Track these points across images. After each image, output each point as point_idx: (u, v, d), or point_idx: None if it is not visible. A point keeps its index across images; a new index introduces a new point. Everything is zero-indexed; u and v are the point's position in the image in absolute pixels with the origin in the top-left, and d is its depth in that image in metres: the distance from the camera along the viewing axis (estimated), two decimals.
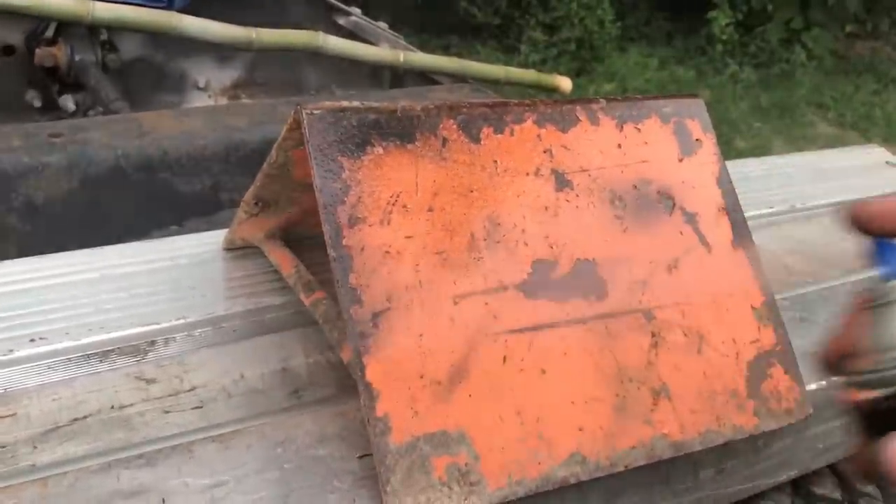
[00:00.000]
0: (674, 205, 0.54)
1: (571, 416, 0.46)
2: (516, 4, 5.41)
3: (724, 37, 5.63)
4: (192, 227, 1.00)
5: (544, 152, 0.52)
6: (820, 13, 6.07)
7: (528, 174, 0.51)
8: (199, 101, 2.07)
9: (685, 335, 0.51)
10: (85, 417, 0.52)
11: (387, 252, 0.46)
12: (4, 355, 0.54)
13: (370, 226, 0.46)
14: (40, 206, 1.07)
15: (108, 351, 0.57)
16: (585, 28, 5.16)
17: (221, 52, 2.02)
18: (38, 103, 1.91)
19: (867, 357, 0.33)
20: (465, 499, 0.42)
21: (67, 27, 1.79)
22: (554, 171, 0.52)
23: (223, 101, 2.09)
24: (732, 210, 0.57)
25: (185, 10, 1.89)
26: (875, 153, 1.13)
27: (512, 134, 0.51)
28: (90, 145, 1.09)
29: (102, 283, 0.61)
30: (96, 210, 1.09)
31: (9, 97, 1.87)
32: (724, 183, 0.57)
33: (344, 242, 0.45)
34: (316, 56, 1.82)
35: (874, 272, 0.33)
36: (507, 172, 0.51)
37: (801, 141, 5.06)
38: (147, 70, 2.00)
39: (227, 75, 2.13)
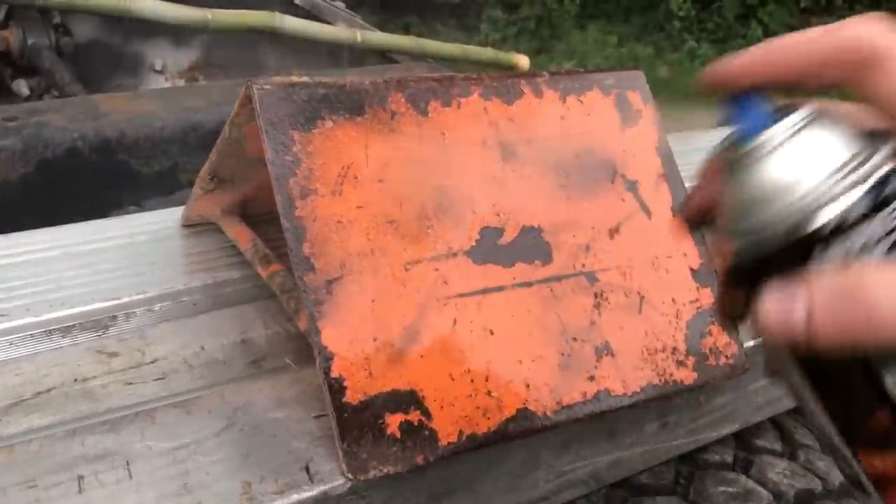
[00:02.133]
0: (615, 173, 0.57)
1: (518, 374, 0.49)
2: None
3: (682, 13, 5.69)
4: (150, 206, 1.01)
5: (490, 124, 0.54)
6: None
7: (475, 145, 0.53)
8: (156, 83, 2.05)
9: (626, 296, 0.54)
10: (48, 391, 0.53)
11: (339, 222, 0.48)
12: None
13: (322, 197, 0.47)
14: None
15: (69, 326, 0.58)
16: (545, 6, 5.18)
17: (178, 33, 2.01)
18: None
19: (728, 215, 0.33)
20: (419, 453, 0.45)
21: (19, 10, 1.77)
22: (500, 143, 0.54)
23: (180, 83, 2.08)
24: (671, 177, 0.59)
25: None
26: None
27: (459, 107, 0.53)
28: (46, 128, 1.09)
29: (63, 261, 0.62)
30: (53, 192, 1.09)
31: None
32: (664, 151, 0.60)
33: (296, 214, 0.46)
34: (274, 37, 1.82)
35: (733, 130, 0.33)
36: (454, 144, 0.52)
37: None
38: (102, 53, 1.99)
39: (184, 57, 2.11)
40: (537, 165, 0.54)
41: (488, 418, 0.47)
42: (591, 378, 0.51)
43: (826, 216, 0.30)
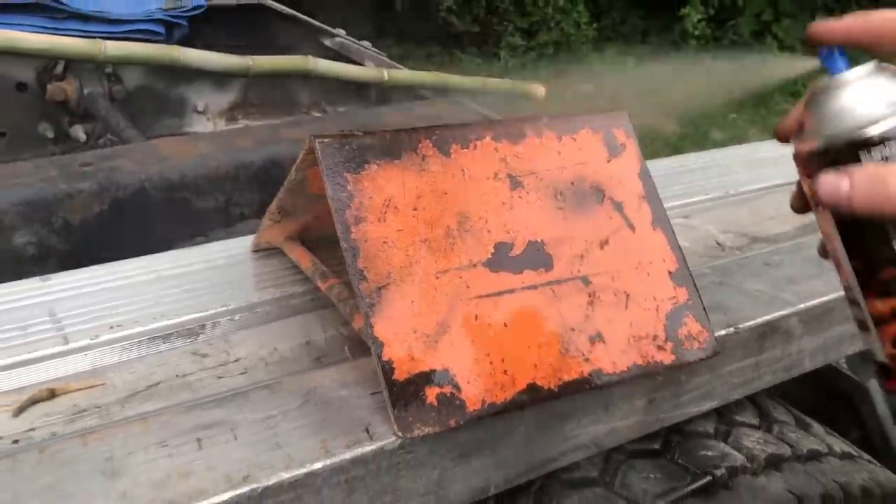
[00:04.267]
0: (604, 196, 0.70)
1: (528, 357, 0.62)
2: (494, 11, 5.58)
3: (697, 32, 5.81)
4: (214, 237, 1.15)
5: (500, 161, 0.68)
6: (789, 4, 6.26)
7: (488, 178, 0.67)
8: (199, 123, 2.22)
9: (615, 295, 0.67)
10: (157, 384, 0.67)
11: (384, 242, 0.61)
12: (92, 339, 0.69)
13: (370, 223, 0.61)
14: (76, 226, 1.22)
15: (168, 334, 0.72)
16: (562, 31, 5.34)
17: (218, 77, 2.17)
18: (50, 134, 2.05)
19: (810, 124, 0.49)
20: (451, 417, 0.58)
21: (76, 63, 1.94)
22: (508, 175, 0.68)
23: (221, 122, 2.24)
24: (651, 198, 0.72)
25: (183, 40, 2.05)
26: None
27: (475, 148, 0.67)
28: (117, 171, 1.25)
29: (158, 283, 0.77)
30: (124, 228, 1.24)
31: (23, 129, 2.02)
32: (645, 177, 0.73)
33: (352, 237, 0.60)
34: (306, 76, 1.97)
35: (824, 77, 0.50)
36: (472, 178, 0.66)
37: None
38: (149, 97, 2.15)
39: (223, 98, 2.27)
40: (539, 192, 0.68)
41: (505, 391, 0.60)
42: (587, 360, 0.64)
43: (872, 132, 0.47)
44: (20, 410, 0.63)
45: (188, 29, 2.04)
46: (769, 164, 1.19)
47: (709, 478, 0.72)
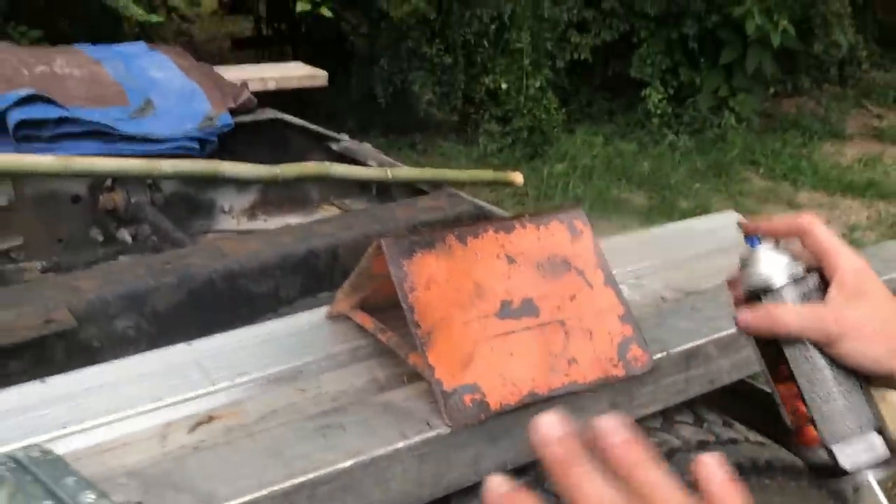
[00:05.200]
0: (570, 265, 1.04)
1: (527, 374, 0.95)
2: (471, 102, 6.03)
3: (659, 111, 6.27)
4: (282, 313, 1.47)
5: (500, 245, 1.02)
6: (743, 80, 6.73)
7: (492, 257, 1.01)
8: (225, 222, 2.56)
9: (582, 332, 1.01)
10: (276, 410, 0.99)
11: (429, 303, 0.95)
12: (229, 382, 1.01)
13: (419, 291, 0.95)
14: (161, 313, 1.54)
15: (278, 378, 1.04)
16: (535, 117, 5.77)
17: (242, 180, 2.52)
18: (100, 238, 2.38)
19: (738, 278, 0.81)
20: (480, 413, 0.90)
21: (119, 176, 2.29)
22: (506, 255, 1.02)
23: (244, 220, 2.59)
24: (603, 265, 1.07)
25: (213, 152, 2.41)
26: (731, 216, 1.65)
27: (482, 238, 1.01)
28: (191, 267, 1.58)
29: (266, 343, 1.09)
30: (198, 312, 1.56)
31: (76, 235, 2.35)
32: (598, 251, 1.07)
33: (409, 300, 0.94)
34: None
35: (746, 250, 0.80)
36: (481, 258, 1.00)
37: (738, 196, 5.65)
38: (183, 202, 2.50)
39: (246, 199, 2.62)
40: (527, 265, 1.02)
41: (514, 396, 0.93)
42: (567, 375, 0.97)
43: (767, 284, 0.78)
44: (191, 430, 0.95)
45: (217, 143, 2.40)
46: (701, 235, 1.54)
47: None
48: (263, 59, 6.61)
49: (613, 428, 0.50)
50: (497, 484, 0.49)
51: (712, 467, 0.49)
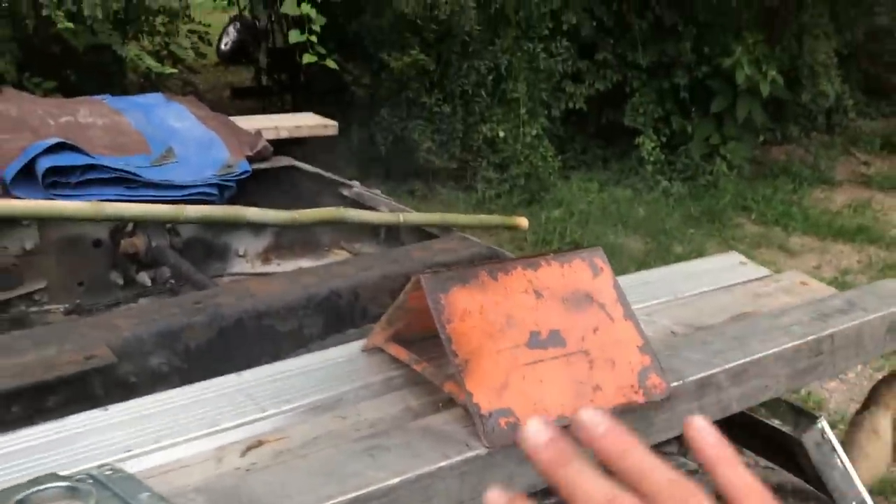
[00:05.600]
0: (592, 300, 1.13)
1: (556, 399, 1.03)
2: (469, 149, 6.17)
3: (652, 158, 6.42)
4: (312, 349, 1.55)
5: (528, 281, 1.10)
6: (734, 128, 6.91)
7: (521, 292, 1.09)
8: (240, 265, 2.63)
9: (605, 361, 1.09)
10: (318, 437, 1.06)
11: (464, 333, 1.03)
12: (276, 409, 1.08)
13: (455, 322, 1.03)
14: (192, 350, 1.61)
15: (318, 406, 1.12)
16: (531, 164, 5.91)
17: (256, 226, 2.60)
18: (120, 281, 2.45)
19: None
20: (513, 436, 0.98)
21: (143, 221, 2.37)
22: (534, 290, 1.10)
23: (258, 263, 2.67)
24: (622, 300, 1.15)
25: (232, 198, 2.49)
26: (732, 257, 1.75)
27: (512, 274, 1.10)
28: (221, 307, 1.65)
29: (305, 374, 1.17)
30: (228, 349, 1.63)
31: (97, 278, 2.42)
32: (617, 287, 1.16)
33: (446, 331, 1.02)
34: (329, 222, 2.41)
35: None
36: (511, 292, 1.08)
37: (731, 241, 5.77)
38: (200, 245, 2.58)
39: (260, 243, 2.70)
40: (553, 299, 1.10)
41: (545, 419, 1.00)
42: (591, 400, 1.05)
43: None
44: (243, 453, 1.02)
45: (236, 189, 2.49)
46: (704, 275, 1.63)
47: None
48: (264, 109, 6.76)
49: (596, 420, 0.51)
50: (495, 497, 0.51)
51: (702, 427, 0.50)
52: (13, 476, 0.91)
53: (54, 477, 0.84)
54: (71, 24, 3.30)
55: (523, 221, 2.73)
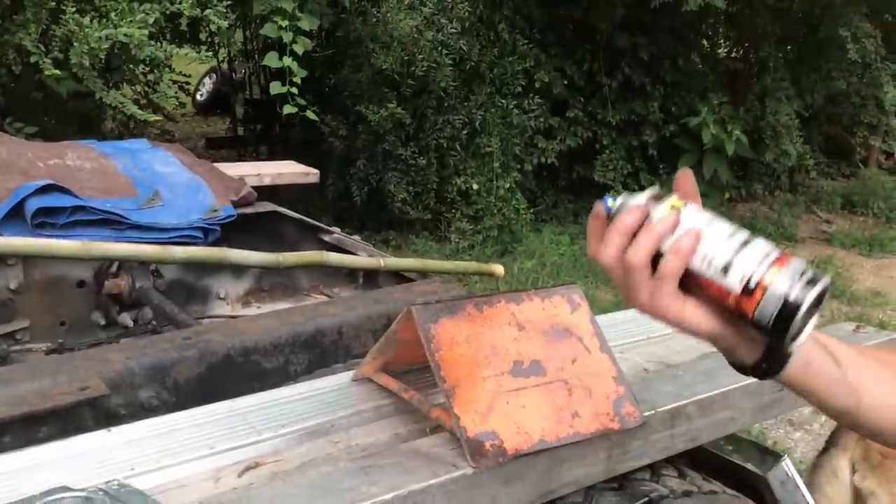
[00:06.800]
0: (571, 333, 1.20)
1: (537, 424, 1.09)
2: (443, 201, 6.28)
3: None
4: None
5: (510, 314, 1.18)
6: (701, 185, 7.05)
7: (504, 324, 1.16)
8: (220, 308, 2.67)
9: (583, 389, 1.16)
10: (313, 459, 1.11)
11: (452, 362, 1.10)
12: (272, 433, 1.14)
13: (444, 351, 1.10)
14: (181, 384, 1.65)
15: (312, 432, 1.17)
16: (504, 216, 6.03)
17: (237, 269, 2.65)
18: (102, 322, 2.48)
19: None
20: (498, 458, 1.04)
21: (127, 263, 2.41)
22: (516, 323, 1.17)
23: (239, 307, 2.71)
24: (598, 334, 1.23)
25: (216, 241, 2.55)
26: None
27: (496, 307, 1.17)
28: (210, 343, 1.70)
29: (299, 401, 1.22)
30: (217, 383, 1.68)
31: (79, 318, 2.44)
32: (594, 322, 1.23)
33: (436, 359, 1.09)
34: (308, 266, 2.47)
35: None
36: (495, 325, 1.16)
37: None
38: (182, 288, 2.62)
39: (241, 286, 2.74)
40: (534, 331, 1.18)
41: (526, 443, 1.07)
42: (571, 426, 1.12)
43: None
44: (241, 474, 1.07)
45: (220, 233, 2.55)
46: None
47: (646, 499, 1.18)
48: (239, 159, 6.85)
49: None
50: None
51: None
52: (22, 491, 0.96)
53: (66, 489, 0.89)
54: (58, 72, 3.37)
55: (499, 269, 2.81)
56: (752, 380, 1.36)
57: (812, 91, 8.02)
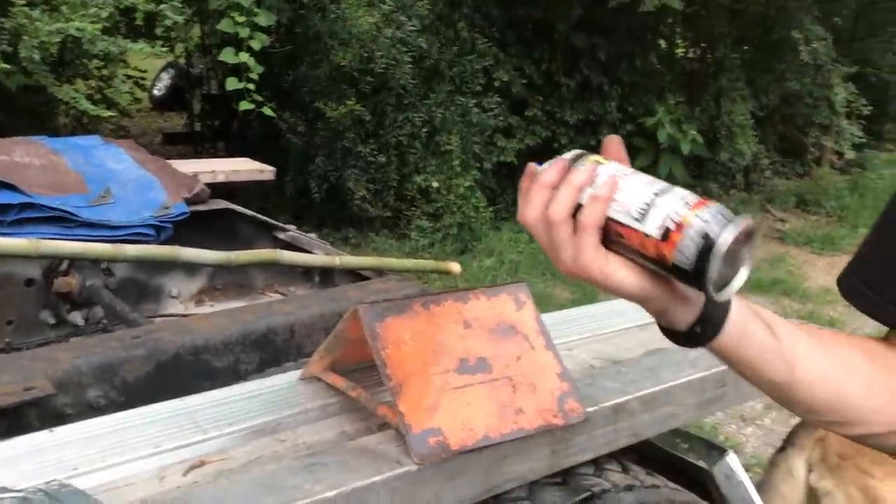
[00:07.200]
0: (516, 330, 1.22)
1: (482, 421, 1.11)
2: (403, 198, 6.28)
3: None
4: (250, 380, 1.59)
5: (457, 312, 1.19)
6: None
7: (451, 322, 1.18)
8: (173, 307, 2.65)
9: (527, 386, 1.18)
10: (261, 456, 1.12)
11: (398, 359, 1.11)
12: (218, 432, 1.14)
13: (390, 349, 1.11)
14: (130, 383, 1.64)
15: (260, 429, 1.17)
16: (464, 214, 6.05)
17: (190, 267, 2.64)
18: (51, 321, 2.44)
19: None
20: (443, 454, 1.06)
21: (78, 261, 2.38)
22: (463, 321, 1.19)
23: (191, 305, 2.69)
24: (543, 332, 1.25)
25: (168, 239, 2.53)
26: None
27: (443, 305, 1.19)
28: (160, 341, 1.69)
29: (248, 399, 1.23)
30: (166, 382, 1.66)
31: (27, 318, 2.41)
32: (539, 319, 1.25)
33: (382, 356, 1.10)
34: (262, 265, 2.47)
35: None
36: (442, 323, 1.17)
37: None
38: (134, 286, 2.59)
39: (193, 284, 2.72)
40: (480, 329, 1.19)
41: (471, 439, 1.09)
42: (515, 422, 1.13)
43: None
44: (186, 472, 1.07)
45: (172, 230, 2.53)
46: (622, 313, 1.74)
47: (588, 493, 1.20)
48: (196, 154, 6.78)
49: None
50: None
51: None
52: None
53: (5, 489, 0.89)
54: (7, 66, 3.31)
55: (456, 267, 2.82)
56: (695, 376, 1.39)
57: (767, 91, 8.17)
